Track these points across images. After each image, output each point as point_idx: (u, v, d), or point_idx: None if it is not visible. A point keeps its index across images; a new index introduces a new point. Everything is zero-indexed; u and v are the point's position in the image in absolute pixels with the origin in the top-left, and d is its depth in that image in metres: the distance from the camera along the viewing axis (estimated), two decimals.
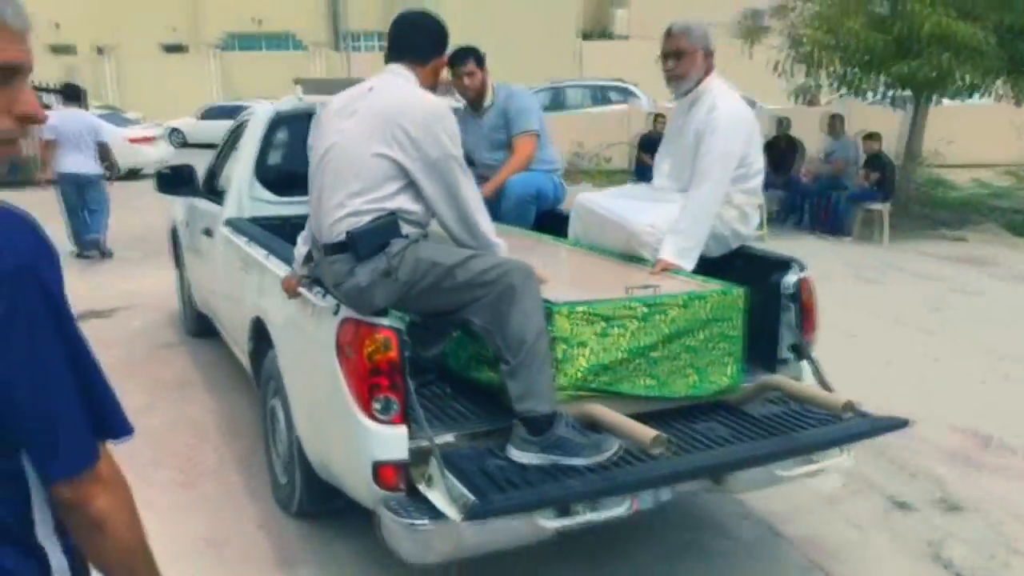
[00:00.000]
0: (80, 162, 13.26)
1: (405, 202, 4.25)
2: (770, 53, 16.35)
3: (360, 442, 4.11)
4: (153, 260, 12.38)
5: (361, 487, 4.16)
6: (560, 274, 4.88)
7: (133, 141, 24.45)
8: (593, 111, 26.64)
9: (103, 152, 13.42)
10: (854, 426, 4.54)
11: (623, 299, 4.40)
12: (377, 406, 4.07)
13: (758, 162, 5.40)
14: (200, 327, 8.58)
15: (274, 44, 50.40)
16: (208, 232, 7.27)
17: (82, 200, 13.48)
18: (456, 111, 6.78)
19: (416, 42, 4.49)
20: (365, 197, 4.22)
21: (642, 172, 17.63)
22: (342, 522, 5.21)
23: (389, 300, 4.20)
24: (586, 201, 5.68)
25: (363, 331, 4.10)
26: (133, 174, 23.73)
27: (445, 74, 5.24)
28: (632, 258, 5.25)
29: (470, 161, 6.35)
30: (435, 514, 3.90)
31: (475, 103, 6.85)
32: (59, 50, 44.41)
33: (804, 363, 5.00)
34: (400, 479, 4.08)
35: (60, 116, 13.25)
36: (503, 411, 4.28)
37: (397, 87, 4.36)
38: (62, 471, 2.04)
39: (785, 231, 15.80)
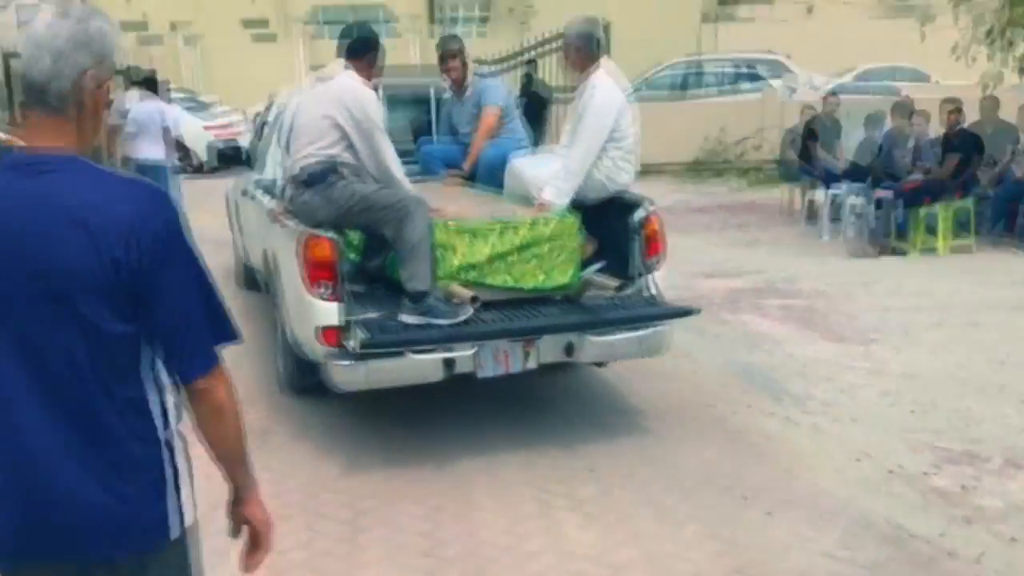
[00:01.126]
0: (145, 149, 13.35)
1: (341, 151, 6.77)
2: (947, 32, 15.28)
3: (309, 313, 6.59)
4: (216, 256, 11.91)
5: (313, 347, 6.61)
6: (466, 209, 7.31)
7: (210, 130, 22.75)
8: (729, 100, 23.52)
9: (170, 141, 13.48)
10: (646, 310, 7.02)
11: (485, 220, 6.90)
12: (319, 289, 6.55)
13: (631, 129, 7.66)
14: (250, 279, 10.31)
15: (364, 18, 49.44)
16: (246, 192, 9.49)
17: None
18: (446, 94, 9.37)
19: (355, 49, 7.07)
20: (315, 146, 6.79)
21: (807, 166, 15.53)
22: (315, 399, 7.66)
23: (327, 216, 6.70)
24: (510, 164, 8.05)
25: (311, 239, 6.61)
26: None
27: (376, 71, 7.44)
28: (530, 202, 7.52)
29: (455, 132, 9.01)
30: (354, 357, 6.35)
31: (458, 89, 8.97)
32: (130, 27, 42.14)
33: (649, 277, 7.28)
34: (336, 340, 6.50)
35: (136, 106, 13.56)
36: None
37: (345, 79, 6.94)
38: (201, 368, 2.70)
39: (990, 241, 13.65)
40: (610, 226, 7.45)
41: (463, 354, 6.52)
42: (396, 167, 6.94)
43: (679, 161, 21.80)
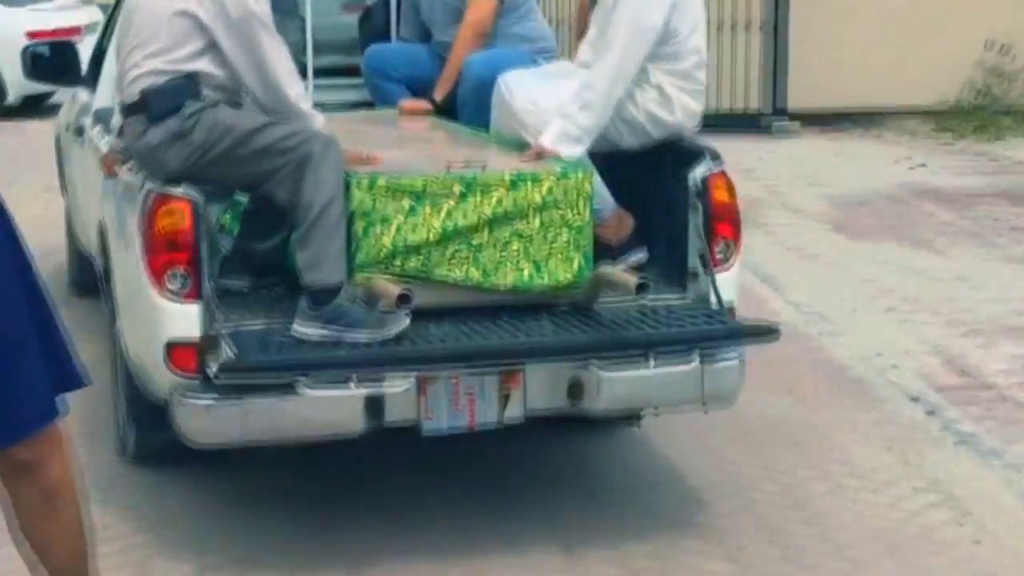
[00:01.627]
0: None
1: (207, 65, 4.36)
2: None
3: (152, 319, 4.23)
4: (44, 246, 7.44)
5: (157, 374, 4.25)
6: (415, 158, 4.83)
7: (37, 36, 13.52)
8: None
9: None
10: (696, 327, 4.51)
11: (437, 175, 4.37)
12: (169, 281, 4.21)
13: (693, 40, 5.02)
14: (86, 278, 6.76)
15: None
16: (79, 131, 6.30)
17: None
18: None
19: None
20: (164, 57, 4.35)
21: None
22: (174, 472, 5.07)
23: (182, 164, 4.30)
24: (499, 84, 5.23)
25: (156, 201, 4.22)
26: (35, 105, 15.03)
27: None
28: (523, 145, 4.92)
29: (426, 34, 6.06)
30: (219, 392, 4.04)
31: None
32: None
33: (711, 277, 4.71)
34: (194, 364, 4.17)
35: None
36: None
37: None
38: (22, 429, 2.03)
39: None
40: (657, 192, 4.93)
41: (396, 392, 4.16)
42: (293, 87, 4.49)
43: (916, 105, 13.89)
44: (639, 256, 4.97)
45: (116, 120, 4.88)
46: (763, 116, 13.55)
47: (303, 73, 5.75)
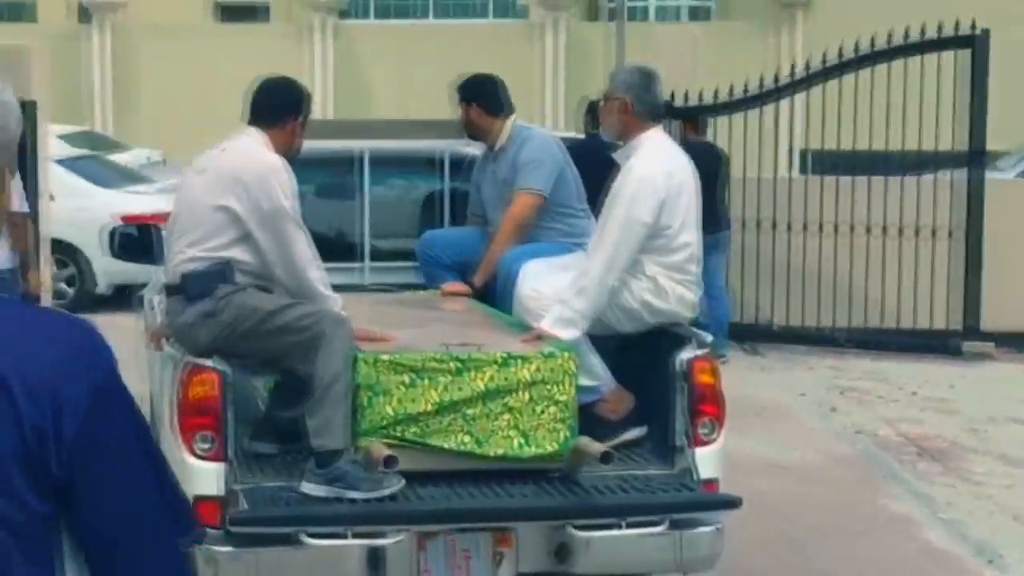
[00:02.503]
0: None
1: (240, 253, 5.24)
2: None
3: (181, 476, 4.89)
4: None
5: None
6: (424, 334, 5.58)
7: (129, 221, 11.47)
8: None
9: (13, 229, 8.71)
10: (663, 497, 5.21)
11: (434, 353, 5.15)
12: (197, 442, 4.97)
13: (684, 235, 5.75)
14: None
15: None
16: (149, 304, 6.69)
17: None
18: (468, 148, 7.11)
19: (268, 107, 5.52)
20: (203, 245, 5.23)
21: None
22: None
23: (212, 340, 5.13)
24: (520, 273, 6.03)
25: (189, 371, 5.02)
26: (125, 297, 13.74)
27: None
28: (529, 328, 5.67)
29: (484, 216, 6.82)
30: (236, 544, 4.80)
31: (489, 144, 6.79)
32: None
33: (693, 452, 5.36)
34: (216, 518, 4.88)
35: None
36: None
37: (244, 147, 5.41)
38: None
39: None
40: (652, 373, 5.59)
41: (394, 546, 4.89)
42: (314, 272, 5.34)
43: None
44: (636, 432, 5.64)
45: (160, 300, 5.75)
46: (953, 336, 12.19)
47: (360, 256, 7.01)
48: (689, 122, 12.27)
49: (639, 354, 5.73)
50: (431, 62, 25.01)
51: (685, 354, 5.42)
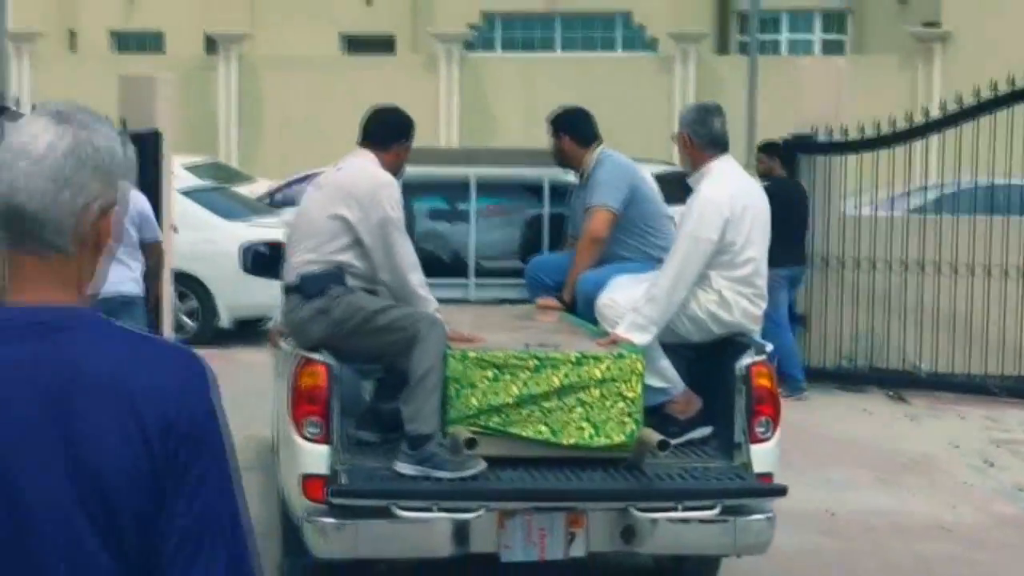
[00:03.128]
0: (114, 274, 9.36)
1: (351, 258, 6.16)
2: None
3: (293, 458, 5.90)
4: None
5: (296, 502, 5.92)
6: (512, 337, 6.41)
7: None
8: None
9: (151, 258, 9.57)
10: (724, 485, 6.01)
11: (516, 351, 5.98)
12: (306, 427, 5.84)
13: (750, 251, 6.53)
14: None
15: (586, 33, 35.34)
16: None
17: None
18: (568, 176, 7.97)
19: (379, 132, 6.49)
20: (319, 250, 6.15)
21: None
22: None
23: (323, 335, 6.03)
24: (605, 288, 6.86)
25: (301, 363, 5.92)
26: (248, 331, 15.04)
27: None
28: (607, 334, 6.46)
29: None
30: (337, 515, 5.69)
31: (579, 172, 7.64)
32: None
33: (751, 448, 6.14)
34: (322, 493, 5.74)
35: None
36: None
37: (357, 165, 6.37)
38: None
39: None
40: (718, 378, 6.40)
41: (477, 522, 5.71)
42: (415, 276, 6.26)
43: None
44: (703, 431, 6.40)
45: (281, 302, 6.60)
46: None
47: (466, 273, 7.99)
48: (775, 156, 12.52)
49: (707, 361, 6.52)
50: (558, 94, 25.18)
51: (745, 360, 6.20)
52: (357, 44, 35.17)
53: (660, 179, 17.29)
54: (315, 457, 5.80)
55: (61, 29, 34.76)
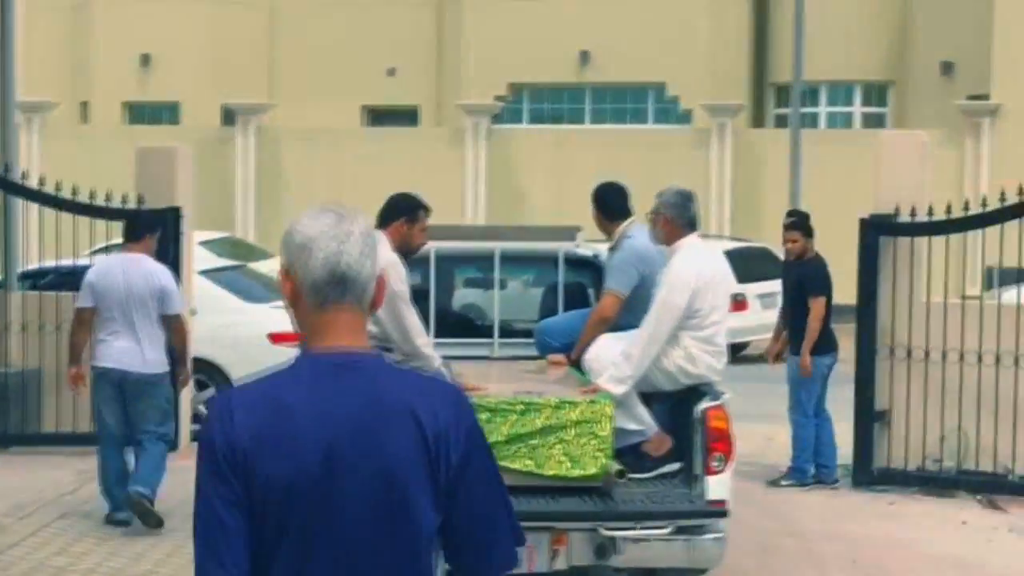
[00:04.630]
0: (126, 350, 10.21)
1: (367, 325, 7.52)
2: None
3: None
4: None
5: None
6: (512, 387, 8.03)
7: (279, 340, 13.43)
8: None
9: (173, 334, 10.41)
10: (673, 507, 7.64)
11: (506, 398, 7.70)
12: None
13: (714, 315, 8.15)
14: None
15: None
16: None
17: (123, 417, 10.34)
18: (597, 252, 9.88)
19: (382, 213, 8.15)
20: None
21: None
22: None
23: None
24: (593, 343, 8.51)
25: None
26: None
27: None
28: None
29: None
30: None
31: (610, 243, 9.23)
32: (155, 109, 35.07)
33: (707, 480, 7.75)
34: None
35: (103, 269, 10.54)
36: None
37: None
38: (502, 560, 3.08)
39: None
40: (684, 421, 8.03)
41: None
42: (418, 337, 7.88)
43: None
44: (673, 466, 8.04)
45: None
46: None
47: (489, 334, 9.77)
48: (809, 234, 12.50)
49: (676, 407, 8.17)
50: (588, 167, 24.84)
51: (703, 405, 7.86)
52: (380, 116, 35.44)
53: (734, 255, 16.72)
54: None
55: (73, 100, 35.06)
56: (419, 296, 8.98)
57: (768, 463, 12.76)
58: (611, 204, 9.01)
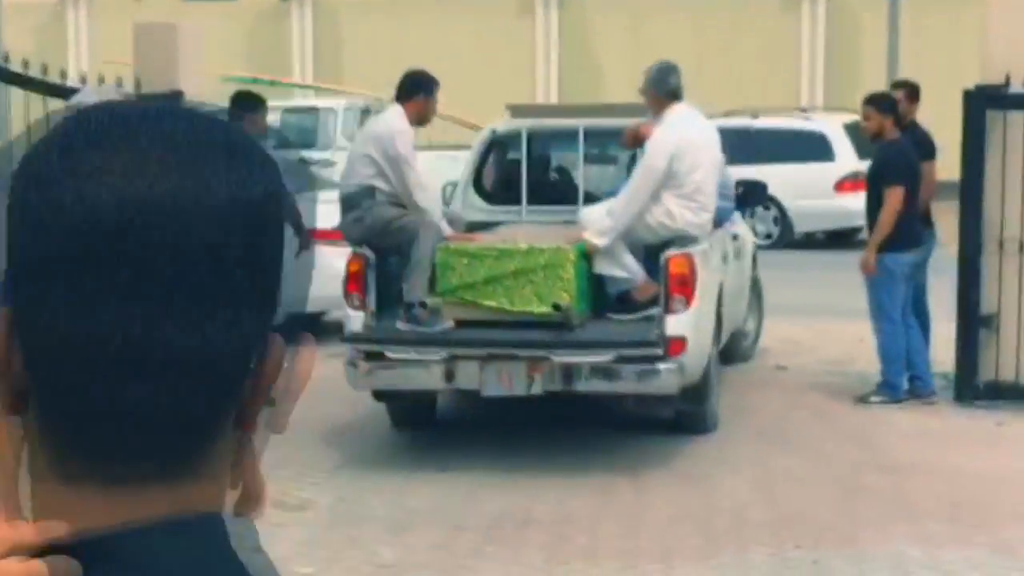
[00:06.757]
0: None
1: (379, 182, 9.61)
2: None
3: (344, 321, 9.55)
4: None
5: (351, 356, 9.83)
6: (503, 238, 9.94)
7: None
8: None
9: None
10: (613, 338, 9.18)
11: (483, 245, 9.62)
12: (350, 300, 9.40)
13: (694, 175, 9.43)
14: None
15: None
16: None
17: None
18: None
19: (401, 89, 9.77)
20: (357, 177, 9.66)
21: None
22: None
23: (361, 235, 9.54)
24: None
25: (350, 255, 9.55)
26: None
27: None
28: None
29: None
30: (367, 359, 9.26)
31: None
32: None
33: (663, 315, 9.32)
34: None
35: None
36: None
37: (382, 117, 10.09)
38: None
39: None
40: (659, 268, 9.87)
41: (464, 366, 9.03)
42: (420, 194, 9.59)
43: None
44: (656, 309, 9.42)
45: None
46: None
47: (575, 202, 11.01)
48: (889, 112, 11.21)
49: (657, 257, 9.63)
50: (666, 37, 23.40)
51: (668, 252, 9.36)
52: None
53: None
54: (355, 320, 9.30)
55: None
56: (513, 169, 11.67)
57: (857, 371, 11.72)
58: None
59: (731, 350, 12.19)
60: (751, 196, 12.38)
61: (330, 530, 8.27)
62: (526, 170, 11.50)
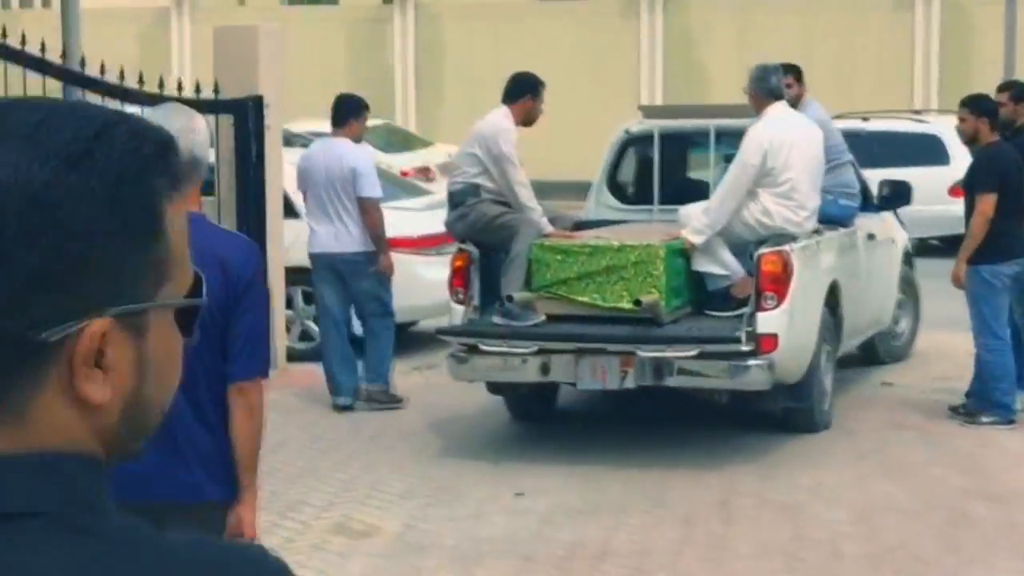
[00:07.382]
0: (332, 234, 11.05)
1: (484, 180, 10.29)
2: None
3: (449, 315, 10.54)
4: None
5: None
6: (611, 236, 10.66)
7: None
8: None
9: (365, 215, 10.94)
10: (698, 334, 9.63)
11: (576, 242, 10.18)
12: (454, 294, 10.10)
13: (788, 173, 9.86)
14: None
15: None
16: None
17: (343, 303, 11.28)
18: None
19: (509, 90, 10.45)
20: (463, 175, 10.32)
21: None
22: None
23: (464, 231, 10.34)
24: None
25: (455, 251, 10.32)
26: None
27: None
28: None
29: None
30: (468, 352, 10.05)
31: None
32: None
33: (753, 314, 9.82)
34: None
35: (312, 152, 11.54)
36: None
37: (489, 118, 10.48)
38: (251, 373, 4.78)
39: None
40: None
41: (559, 360, 9.50)
42: (522, 192, 10.12)
43: None
44: (746, 310, 10.03)
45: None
46: None
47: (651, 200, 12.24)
48: (984, 115, 10.80)
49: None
50: (773, 37, 23.03)
51: (761, 250, 9.85)
52: None
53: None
54: (456, 314, 9.97)
55: None
56: (645, 169, 12.17)
57: (966, 388, 10.70)
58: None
59: (879, 350, 12.25)
60: (896, 196, 12.12)
61: (393, 559, 8.04)
62: (658, 170, 11.86)
